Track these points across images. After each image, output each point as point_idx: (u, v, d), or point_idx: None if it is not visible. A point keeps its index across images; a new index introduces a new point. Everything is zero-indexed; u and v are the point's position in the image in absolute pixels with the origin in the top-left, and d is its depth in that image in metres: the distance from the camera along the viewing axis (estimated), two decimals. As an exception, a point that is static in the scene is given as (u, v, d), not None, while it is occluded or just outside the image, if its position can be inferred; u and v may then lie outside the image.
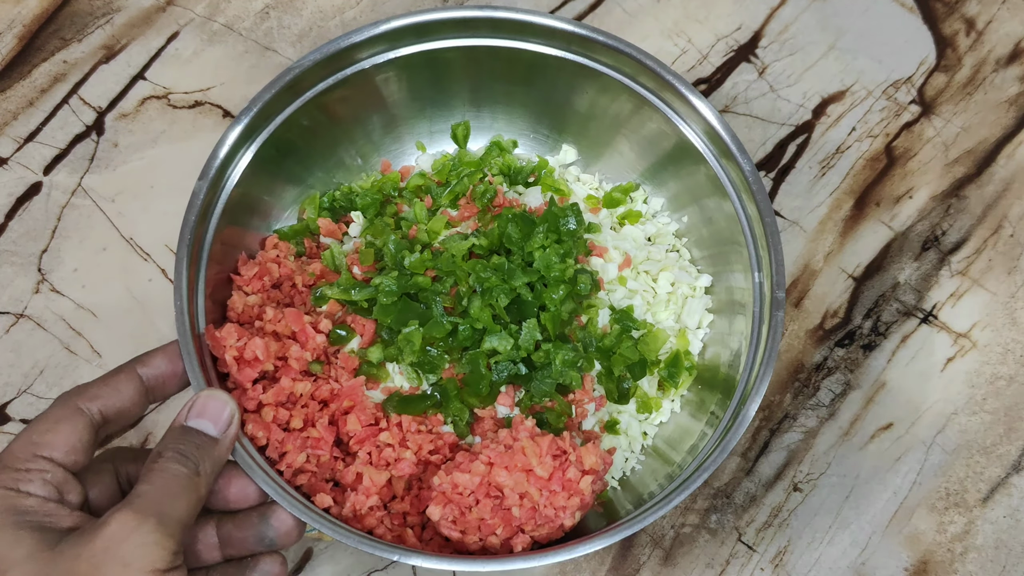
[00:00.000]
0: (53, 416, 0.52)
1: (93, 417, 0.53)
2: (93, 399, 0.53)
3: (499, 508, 0.61)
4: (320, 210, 0.73)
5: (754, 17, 0.87)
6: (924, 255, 0.80)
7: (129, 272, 0.77)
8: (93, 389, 0.54)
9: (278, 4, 0.86)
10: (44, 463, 0.50)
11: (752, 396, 0.61)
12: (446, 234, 0.70)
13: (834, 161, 0.83)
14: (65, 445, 0.51)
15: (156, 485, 0.50)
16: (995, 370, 0.77)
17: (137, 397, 0.55)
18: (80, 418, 0.52)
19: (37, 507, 0.49)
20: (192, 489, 0.51)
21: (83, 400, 0.53)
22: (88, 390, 0.54)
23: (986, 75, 0.86)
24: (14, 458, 0.50)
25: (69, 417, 0.52)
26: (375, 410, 0.65)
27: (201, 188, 0.62)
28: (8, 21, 0.84)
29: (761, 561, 0.72)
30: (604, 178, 0.78)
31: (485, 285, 0.66)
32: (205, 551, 0.57)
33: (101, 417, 0.53)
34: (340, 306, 0.68)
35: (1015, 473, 0.75)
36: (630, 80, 0.69)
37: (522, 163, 0.77)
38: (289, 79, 0.65)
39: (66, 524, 0.49)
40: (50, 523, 0.49)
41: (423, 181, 0.75)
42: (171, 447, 0.52)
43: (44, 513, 0.49)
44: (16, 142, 0.81)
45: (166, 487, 0.50)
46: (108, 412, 0.54)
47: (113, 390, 0.54)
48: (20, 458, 0.50)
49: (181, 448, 0.52)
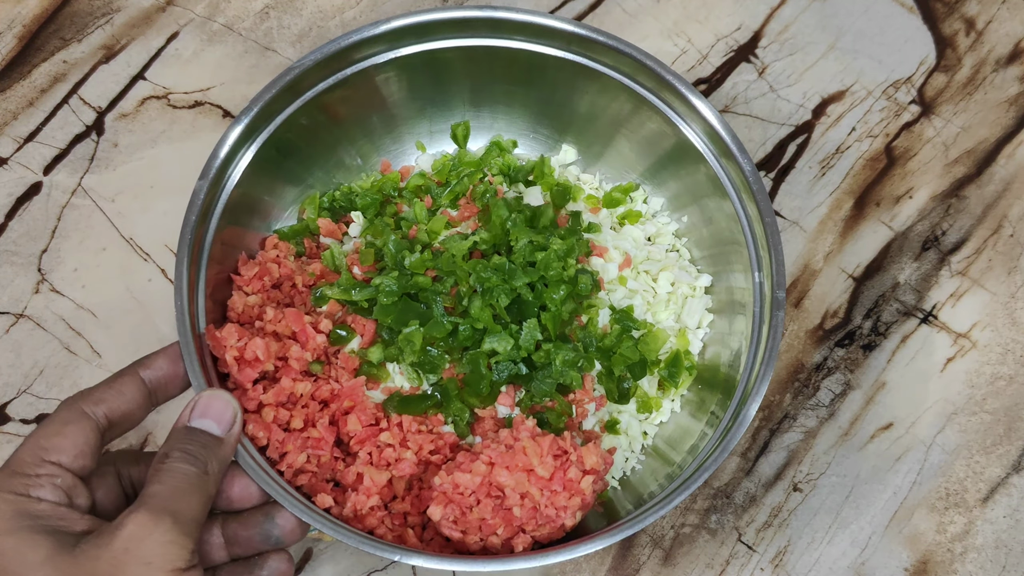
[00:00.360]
0: (59, 420, 0.52)
1: (99, 421, 0.53)
2: (98, 403, 0.53)
3: (500, 508, 0.61)
4: (320, 210, 0.73)
5: (754, 17, 0.87)
6: (924, 255, 0.80)
7: (129, 272, 0.77)
8: (97, 393, 0.54)
9: (278, 4, 0.86)
10: (53, 468, 0.50)
11: (752, 396, 0.61)
12: (446, 234, 0.70)
13: (834, 161, 0.83)
14: (73, 449, 0.51)
15: (167, 485, 0.50)
16: (995, 370, 0.77)
17: (141, 399, 0.55)
18: (86, 422, 0.52)
19: (49, 511, 0.49)
20: (202, 488, 0.51)
21: (88, 404, 0.53)
22: (92, 394, 0.54)
23: (986, 75, 0.86)
24: (23, 464, 0.50)
25: (75, 421, 0.52)
26: (375, 410, 0.65)
27: (202, 188, 0.62)
28: (8, 21, 0.84)
29: (761, 561, 0.72)
30: (604, 178, 0.78)
31: (486, 285, 0.66)
32: (212, 551, 0.57)
33: (106, 421, 0.53)
34: (340, 306, 0.68)
35: (1015, 473, 0.75)
36: (630, 80, 0.69)
37: (522, 163, 0.77)
38: (289, 79, 0.65)
39: (79, 528, 0.49)
40: (64, 527, 0.49)
41: (423, 181, 0.75)
42: (177, 447, 0.52)
43: (57, 517, 0.49)
44: (16, 142, 0.81)
45: (177, 487, 0.50)
46: (113, 415, 0.54)
47: (117, 393, 0.54)
48: (29, 463, 0.50)
49: (188, 448, 0.52)
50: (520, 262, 0.67)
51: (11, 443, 0.72)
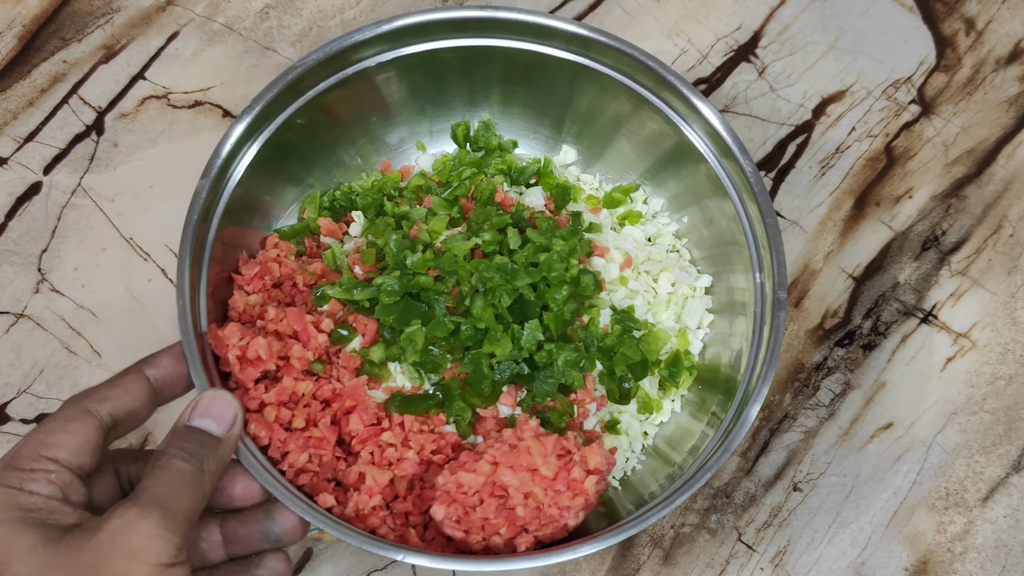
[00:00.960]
0: (62, 417, 0.52)
1: (103, 419, 0.53)
2: (103, 401, 0.53)
3: (503, 508, 0.61)
4: (320, 210, 0.73)
5: (754, 17, 0.87)
6: (924, 255, 0.81)
7: (129, 272, 0.77)
8: (102, 391, 0.54)
9: (278, 4, 0.86)
10: (50, 464, 0.50)
11: (754, 397, 0.61)
12: (447, 234, 0.70)
13: (834, 161, 0.83)
14: (72, 446, 0.51)
15: (160, 480, 0.50)
16: (995, 370, 0.77)
17: (146, 398, 0.55)
18: (89, 420, 0.52)
19: (41, 504, 0.49)
20: (196, 486, 0.51)
21: (92, 402, 0.53)
22: (97, 392, 0.54)
23: (986, 75, 0.86)
24: (20, 458, 0.50)
25: (78, 419, 0.52)
26: (377, 410, 0.65)
27: (203, 187, 0.62)
28: (8, 21, 0.84)
29: (761, 561, 0.72)
30: (604, 178, 0.78)
31: (488, 285, 0.66)
32: (210, 550, 0.57)
33: (111, 419, 0.53)
34: (341, 305, 0.68)
35: (1015, 473, 0.75)
36: (630, 80, 0.69)
37: (523, 163, 0.76)
38: (291, 79, 0.65)
39: (69, 521, 0.49)
40: (53, 520, 0.49)
41: (423, 181, 0.75)
42: (175, 445, 0.52)
43: (48, 510, 0.49)
44: (16, 142, 0.81)
45: (170, 483, 0.50)
46: (118, 414, 0.54)
47: (122, 392, 0.54)
48: (26, 458, 0.50)
49: (185, 446, 0.52)
50: (522, 263, 0.67)
51: (11, 443, 0.72)
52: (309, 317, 0.65)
